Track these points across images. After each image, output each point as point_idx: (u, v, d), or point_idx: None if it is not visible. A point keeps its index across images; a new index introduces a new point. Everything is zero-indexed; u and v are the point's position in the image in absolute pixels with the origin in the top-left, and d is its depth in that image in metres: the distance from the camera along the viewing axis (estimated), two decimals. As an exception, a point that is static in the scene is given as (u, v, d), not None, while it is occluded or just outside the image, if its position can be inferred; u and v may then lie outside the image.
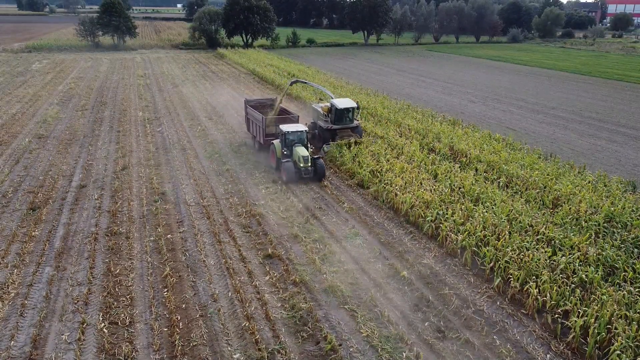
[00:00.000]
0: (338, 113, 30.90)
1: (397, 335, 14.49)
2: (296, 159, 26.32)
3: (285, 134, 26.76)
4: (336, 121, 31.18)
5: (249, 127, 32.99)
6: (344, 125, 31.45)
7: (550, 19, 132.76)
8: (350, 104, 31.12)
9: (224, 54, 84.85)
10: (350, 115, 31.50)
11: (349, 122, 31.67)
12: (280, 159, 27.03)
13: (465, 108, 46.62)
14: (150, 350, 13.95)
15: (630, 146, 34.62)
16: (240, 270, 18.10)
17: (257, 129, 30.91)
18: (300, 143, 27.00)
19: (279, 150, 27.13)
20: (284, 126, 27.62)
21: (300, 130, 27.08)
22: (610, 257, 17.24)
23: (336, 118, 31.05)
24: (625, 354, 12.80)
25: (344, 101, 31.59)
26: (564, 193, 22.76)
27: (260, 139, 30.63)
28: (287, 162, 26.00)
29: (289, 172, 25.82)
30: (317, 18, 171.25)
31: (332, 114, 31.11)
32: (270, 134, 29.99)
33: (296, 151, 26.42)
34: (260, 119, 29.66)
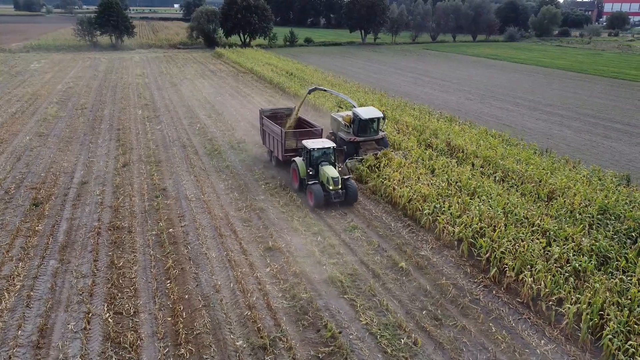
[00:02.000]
0: (362, 124, 27.91)
1: (395, 323, 14.86)
2: (324, 180, 23.12)
3: (311, 151, 23.68)
4: (360, 132, 28.19)
5: (265, 140, 29.62)
6: (368, 137, 28.46)
7: (547, 17, 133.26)
8: (375, 114, 28.04)
9: (222, 53, 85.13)
10: (375, 125, 28.48)
11: (373, 134, 28.59)
12: (305, 179, 23.99)
13: (463, 105, 47.02)
14: (155, 338, 14.28)
15: (625, 142, 35.05)
16: (241, 262, 18.44)
17: (274, 143, 27.74)
18: (328, 161, 23.92)
19: (303, 170, 24.10)
20: (308, 142, 24.35)
21: (327, 146, 23.96)
22: (603, 247, 17.64)
23: (360, 129, 28.09)
24: (617, 338, 13.19)
25: (368, 110, 28.48)
26: (558, 187, 23.16)
27: (278, 154, 27.42)
28: (314, 185, 22.76)
29: (317, 196, 22.44)
30: (314, 17, 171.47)
31: (355, 125, 28.10)
32: (290, 149, 26.79)
33: (324, 171, 23.18)
34: (279, 133, 26.51)
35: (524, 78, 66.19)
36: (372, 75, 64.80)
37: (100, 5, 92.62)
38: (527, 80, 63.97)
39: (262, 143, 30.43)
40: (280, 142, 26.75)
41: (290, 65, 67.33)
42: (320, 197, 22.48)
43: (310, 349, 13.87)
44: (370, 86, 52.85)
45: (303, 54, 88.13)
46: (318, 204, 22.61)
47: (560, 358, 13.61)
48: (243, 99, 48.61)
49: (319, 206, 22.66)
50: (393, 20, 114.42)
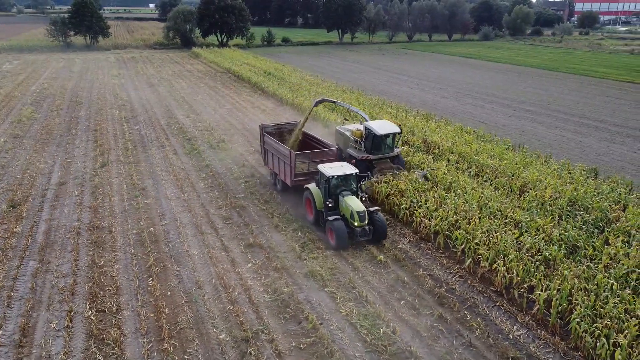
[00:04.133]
0: (377, 140, 24.76)
1: (374, 313, 15.30)
2: (346, 214, 19.45)
3: (329, 179, 19.98)
4: (373, 150, 24.97)
5: (267, 160, 25.89)
6: (382, 155, 25.30)
7: (520, 17, 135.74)
8: (391, 129, 24.99)
9: (199, 53, 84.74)
10: (390, 142, 25.31)
11: (388, 151, 25.35)
12: (323, 213, 20.25)
13: (438, 103, 47.86)
14: (138, 334, 14.45)
15: (594, 137, 36.22)
16: (223, 258, 18.68)
17: (280, 165, 23.98)
18: (350, 190, 20.26)
19: (320, 201, 20.47)
20: (325, 167, 20.43)
21: (349, 173, 20.11)
22: (572, 236, 18.38)
23: (374, 146, 24.92)
24: (584, 321, 13.85)
25: (383, 125, 25.31)
26: (530, 180, 23.93)
27: (285, 178, 23.72)
28: (337, 221, 18.96)
29: (340, 235, 18.77)
30: (291, 17, 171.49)
31: (368, 141, 24.97)
32: (300, 173, 23.09)
33: (346, 204, 19.45)
34: (288, 155, 22.75)
35: (498, 76, 67.53)
36: (349, 75, 65.34)
37: (73, 5, 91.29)
38: (501, 78, 65.31)
39: (264, 164, 26.70)
40: (289, 165, 22.79)
41: (268, 65, 67.46)
42: (344, 235, 18.82)
43: (292, 340, 14.21)
44: (348, 85, 53.36)
45: (281, 54, 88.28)
46: (342, 244, 18.87)
47: (531, 342, 14.23)
48: (221, 99, 48.62)
49: (343, 247, 18.94)
50: (370, 19, 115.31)
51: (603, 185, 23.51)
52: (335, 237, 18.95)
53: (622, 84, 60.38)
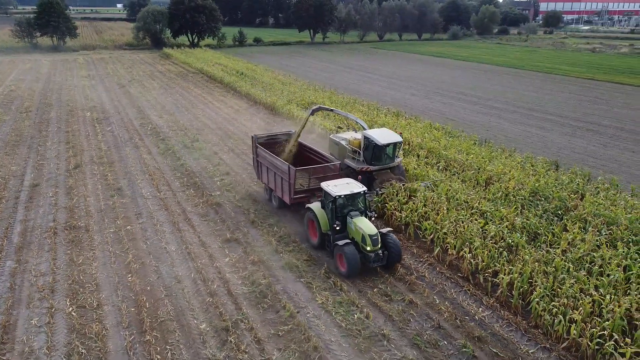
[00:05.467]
0: (377, 150, 23.17)
1: (349, 301, 16.05)
2: (357, 238, 17.65)
3: (336, 199, 18.20)
4: (374, 160, 23.41)
5: (261, 175, 24.14)
6: (383, 166, 23.79)
7: (486, 16, 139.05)
8: (393, 138, 23.40)
9: (170, 53, 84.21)
10: (391, 151, 23.71)
11: (389, 161, 23.81)
12: (330, 236, 18.48)
13: (409, 101, 49.01)
14: (120, 327, 14.83)
15: (556, 132, 37.83)
16: (201, 254, 19.13)
17: (277, 181, 22.10)
18: (358, 211, 18.50)
19: (326, 223, 18.70)
20: (329, 185, 18.63)
21: (357, 191, 18.33)
22: (533, 224, 19.51)
23: (374, 156, 23.34)
24: (543, 301, 14.89)
25: (384, 134, 23.71)
26: (495, 173, 25.08)
27: (283, 195, 21.87)
28: (347, 246, 17.13)
29: (352, 262, 16.94)
30: (263, 17, 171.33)
31: (368, 151, 23.37)
32: (300, 190, 21.47)
33: (356, 226, 17.67)
34: (286, 170, 20.94)
35: (466, 74, 69.28)
36: (321, 74, 66.08)
37: (39, 6, 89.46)
38: (469, 77, 67.05)
39: (257, 178, 25.07)
40: (288, 181, 20.99)
41: (240, 65, 67.65)
42: (357, 262, 17.00)
43: (270, 329, 14.81)
44: (320, 84, 54.06)
45: (253, 54, 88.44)
46: (354, 272, 17.11)
47: (495, 322, 15.20)
48: (194, 99, 48.71)
49: (355, 274, 17.22)
50: (341, 19, 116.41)
51: (563, 177, 24.82)
52: (346, 265, 17.03)
53: (584, 81, 62.77)
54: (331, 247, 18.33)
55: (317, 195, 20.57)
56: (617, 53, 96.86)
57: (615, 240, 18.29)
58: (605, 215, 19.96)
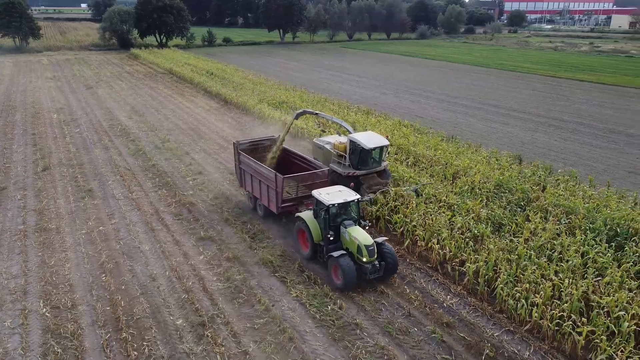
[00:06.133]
0: (364, 154, 22.59)
1: (322, 293, 16.49)
2: (352, 248, 16.96)
3: (329, 208, 17.37)
4: (360, 165, 22.83)
5: (244, 182, 23.09)
6: (370, 170, 23.27)
7: (453, 16, 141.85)
8: (380, 142, 22.75)
9: (138, 54, 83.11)
10: (377, 155, 23.16)
11: (375, 165, 23.25)
12: (324, 247, 17.65)
13: (378, 100, 49.81)
14: (96, 326, 14.90)
15: (520, 127, 39.15)
16: (175, 252, 19.27)
17: (262, 189, 21.20)
18: (352, 220, 17.77)
19: (318, 233, 17.89)
20: (321, 193, 17.85)
21: (350, 199, 17.56)
22: (498, 215, 20.38)
23: (361, 161, 22.77)
24: (507, 286, 15.65)
25: (370, 137, 23.03)
26: (462, 167, 25.94)
27: (270, 204, 20.97)
28: (343, 258, 16.39)
29: (349, 274, 16.15)
30: (232, 17, 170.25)
31: (354, 155, 22.74)
32: (288, 199, 20.81)
33: (350, 236, 16.96)
34: (273, 178, 20.01)
35: (434, 73, 70.69)
36: (292, 74, 66.38)
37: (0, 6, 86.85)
38: (437, 75, 68.45)
39: (240, 185, 23.96)
40: (275, 190, 20.10)
41: (210, 65, 67.34)
42: (353, 274, 16.22)
43: (246, 322, 15.13)
44: (290, 84, 54.39)
45: (222, 54, 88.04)
46: (350, 285, 16.36)
47: (463, 308, 15.89)
48: (164, 100, 48.37)
49: (351, 287, 16.49)
50: (310, 19, 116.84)
51: (526, 170, 25.86)
52: (342, 277, 16.27)
53: (546, 78, 64.90)
54: (324, 258, 17.57)
55: (305, 203, 20.00)
56: (578, 51, 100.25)
57: (573, 229, 19.30)
58: (564, 205, 20.98)
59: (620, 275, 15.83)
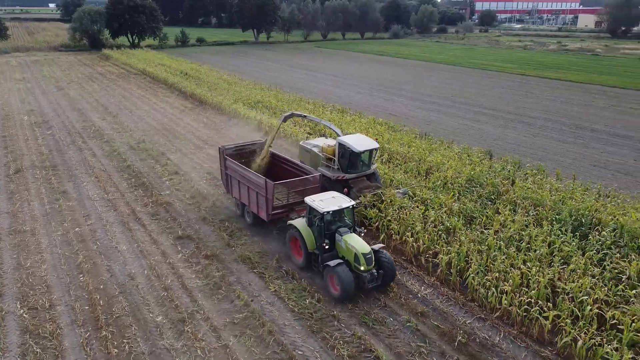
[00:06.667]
0: (354, 158, 22.16)
1: (300, 287, 16.85)
2: (349, 257, 16.49)
3: (324, 215, 16.81)
4: (350, 168, 22.40)
5: (231, 189, 22.51)
6: (359, 173, 22.90)
7: (426, 16, 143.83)
8: (370, 145, 22.38)
9: (110, 55, 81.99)
10: (367, 158, 22.78)
11: (365, 168, 22.92)
12: (319, 255, 17.05)
13: (353, 98, 50.36)
14: (75, 326, 14.94)
15: (491, 124, 40.18)
16: (153, 251, 19.36)
17: (251, 196, 20.54)
18: (347, 227, 17.35)
19: (312, 241, 17.35)
20: (314, 200, 17.27)
21: (345, 206, 17.09)
22: (469, 209, 21.06)
23: (350, 164, 22.34)
24: (478, 276, 16.28)
25: (359, 140, 22.56)
26: (435, 163, 26.62)
27: (259, 211, 20.31)
28: (340, 267, 15.92)
29: (347, 283, 15.68)
30: (205, 17, 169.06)
31: (344, 159, 22.30)
32: (279, 206, 20.22)
33: (347, 244, 16.49)
34: (262, 185, 19.35)
35: (407, 72, 71.70)
36: (266, 73, 66.49)
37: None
38: (410, 74, 69.46)
39: (226, 191, 23.34)
40: (265, 196, 19.45)
41: (184, 66, 66.94)
42: (351, 284, 15.77)
43: (226, 317, 15.38)
44: (265, 83, 54.54)
45: (196, 54, 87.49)
46: (348, 294, 15.87)
47: (436, 298, 16.45)
48: (138, 101, 47.98)
49: (349, 297, 16.00)
50: (284, 19, 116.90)
51: (496, 165, 26.69)
52: (340, 287, 15.81)
53: (516, 77, 66.51)
54: (319, 267, 17.02)
55: (296, 210, 19.77)
56: (546, 50, 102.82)
57: (541, 220, 20.10)
58: (532, 198, 21.79)
59: (584, 263, 16.63)
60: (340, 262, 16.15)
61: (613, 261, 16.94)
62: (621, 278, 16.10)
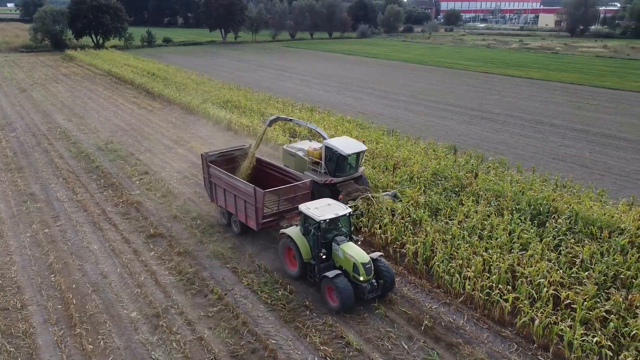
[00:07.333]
0: (341, 161, 21.94)
1: (273, 280, 17.28)
2: (347, 267, 15.86)
3: (320, 223, 15.93)
4: (337, 172, 22.14)
5: (215, 197, 21.54)
6: (347, 177, 22.59)
7: (392, 15, 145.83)
8: (357, 147, 22.13)
9: (74, 55, 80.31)
10: (354, 162, 22.51)
11: (352, 171, 22.65)
12: (315, 265, 16.45)
13: (322, 97, 50.97)
14: (48, 325, 15.00)
15: (456, 120, 41.39)
16: (125, 250, 19.46)
17: (238, 204, 19.72)
18: (344, 236, 16.70)
19: (307, 251, 16.68)
20: (309, 208, 16.51)
21: (341, 214, 16.34)
22: (435, 201, 21.90)
23: (338, 167, 22.06)
24: (443, 264, 17.07)
25: (347, 143, 22.29)
26: (402, 158, 27.43)
27: (248, 221, 19.55)
28: (338, 278, 15.28)
29: (347, 295, 15.12)
30: (171, 17, 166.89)
31: (331, 162, 22.02)
32: (269, 214, 19.49)
33: (345, 253, 15.87)
34: (252, 193, 18.55)
35: (374, 71, 72.76)
36: (235, 73, 66.45)
37: None
38: (378, 73, 70.53)
39: (211, 200, 22.39)
40: (254, 205, 18.68)
41: (151, 66, 66.26)
42: (351, 296, 15.20)
43: (200, 311, 15.69)
44: (234, 83, 54.60)
45: (163, 54, 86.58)
46: (347, 307, 15.32)
47: (404, 286, 17.12)
48: (104, 102, 47.39)
49: (349, 309, 15.43)
50: (252, 19, 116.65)
51: (460, 159, 27.69)
52: (339, 299, 15.23)
53: (480, 74, 68.36)
54: (315, 277, 16.42)
55: (286, 217, 19.44)
56: (509, 48, 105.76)
57: (502, 210, 21.09)
58: (494, 190, 22.80)
59: (542, 249, 17.64)
60: (338, 273, 15.43)
61: (568, 246, 18.03)
62: (575, 261, 17.14)
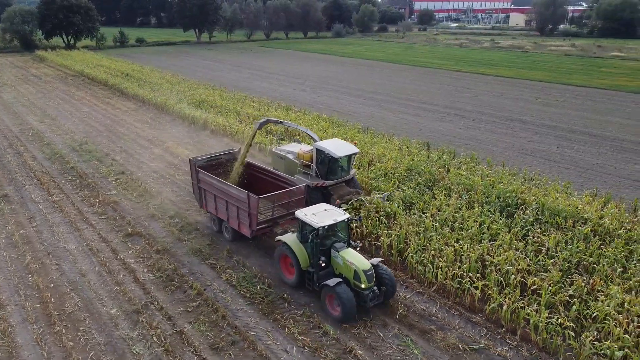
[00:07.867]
0: (333, 163, 21.69)
1: (251, 275, 17.62)
2: (347, 274, 15.47)
3: (318, 230, 15.39)
4: (329, 174, 21.91)
5: (205, 203, 20.87)
6: (339, 180, 22.34)
7: (366, 15, 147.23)
8: (349, 149, 21.88)
9: (44, 56, 78.87)
10: (346, 164, 22.27)
11: (344, 174, 22.39)
12: (314, 274, 15.97)
13: (298, 96, 51.34)
14: (27, 323, 15.05)
15: (429, 118, 42.28)
16: (103, 249, 19.53)
17: (230, 211, 19.12)
18: (343, 242, 16.34)
19: (306, 259, 16.21)
20: (308, 215, 16.04)
21: (340, 219, 15.99)
22: (408, 195, 22.51)
23: (330, 170, 21.85)
24: (416, 255, 17.67)
25: (338, 145, 21.98)
26: (377, 155, 28.04)
27: (241, 227, 18.96)
28: (340, 286, 14.83)
29: (347, 303, 14.66)
30: (144, 17, 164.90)
31: (323, 165, 21.77)
32: (263, 221, 18.98)
33: (345, 260, 15.49)
34: (245, 199, 17.94)
35: (349, 70, 73.44)
36: (210, 73, 66.29)
37: None
38: (353, 72, 71.23)
39: (200, 206, 21.68)
40: (248, 212, 18.10)
41: (124, 66, 65.62)
42: (353, 304, 14.74)
43: (180, 306, 15.93)
44: (210, 83, 54.54)
45: (136, 55, 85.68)
46: (349, 316, 14.84)
47: (379, 278, 17.66)
48: (77, 103, 46.84)
49: (351, 318, 14.94)
50: (227, 18, 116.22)
51: (433, 155, 28.44)
52: (341, 308, 14.77)
53: (452, 73, 69.67)
54: (314, 286, 15.93)
55: (280, 224, 19.19)
56: (480, 47, 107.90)
57: (472, 203, 21.84)
58: (465, 184, 23.56)
59: (510, 239, 18.39)
60: (339, 281, 14.97)
61: (535, 236, 18.86)
62: (541, 250, 17.96)
